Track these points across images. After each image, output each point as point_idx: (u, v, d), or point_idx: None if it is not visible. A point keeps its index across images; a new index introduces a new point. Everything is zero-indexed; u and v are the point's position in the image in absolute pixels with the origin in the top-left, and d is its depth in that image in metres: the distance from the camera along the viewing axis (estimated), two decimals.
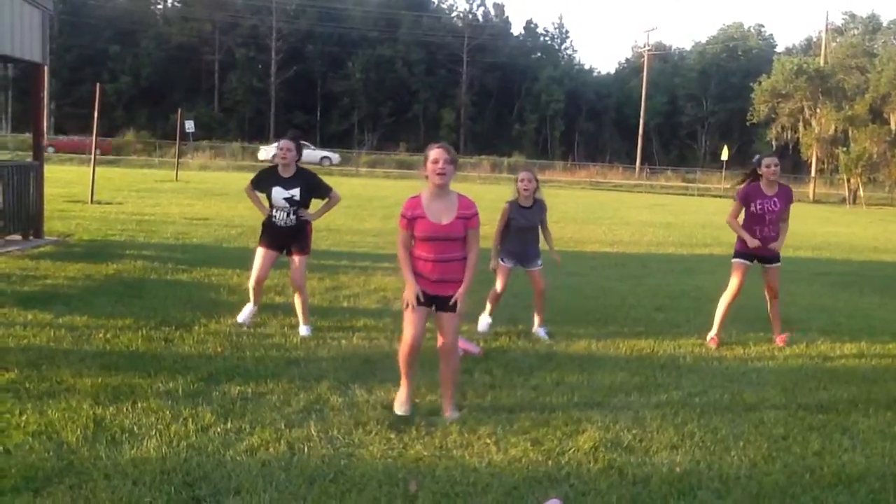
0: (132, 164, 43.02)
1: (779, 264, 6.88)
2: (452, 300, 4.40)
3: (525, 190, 6.56)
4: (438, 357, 4.63)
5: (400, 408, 4.54)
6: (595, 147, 70.09)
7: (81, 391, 4.64)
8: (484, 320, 6.85)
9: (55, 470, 3.57)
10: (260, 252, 6.40)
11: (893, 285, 11.40)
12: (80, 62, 59.81)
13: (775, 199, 6.66)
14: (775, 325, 7.00)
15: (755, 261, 6.82)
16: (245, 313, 6.56)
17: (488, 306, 6.87)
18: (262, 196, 6.40)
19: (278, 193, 6.19)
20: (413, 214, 4.33)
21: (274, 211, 6.24)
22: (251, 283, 6.49)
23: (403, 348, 4.54)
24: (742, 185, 6.89)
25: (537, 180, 6.67)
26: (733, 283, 6.85)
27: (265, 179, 6.33)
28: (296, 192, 6.20)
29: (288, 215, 6.22)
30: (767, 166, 6.65)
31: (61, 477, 3.50)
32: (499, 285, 6.76)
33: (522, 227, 6.62)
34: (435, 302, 4.46)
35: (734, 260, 6.89)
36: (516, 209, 6.60)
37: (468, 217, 4.37)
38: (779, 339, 6.88)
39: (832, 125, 46.40)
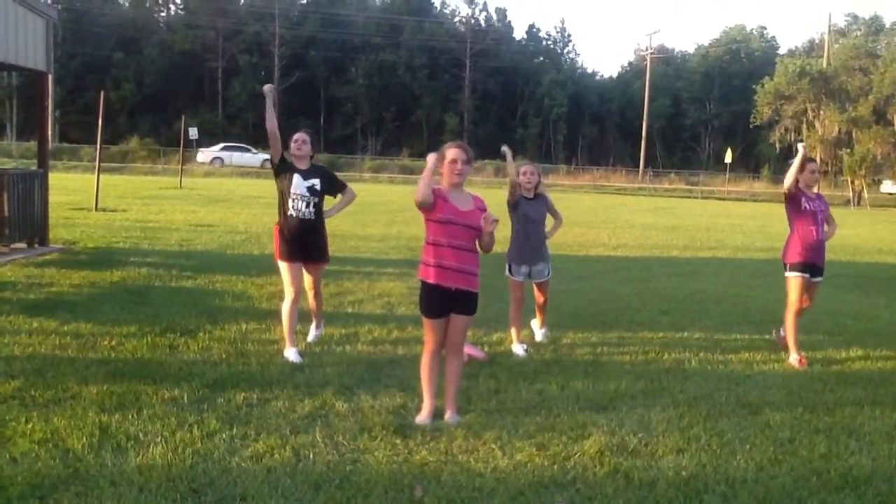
0: (136, 171, 43.18)
1: (821, 279, 6.72)
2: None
3: (528, 182, 6.55)
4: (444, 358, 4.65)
5: (422, 420, 4.53)
6: (598, 151, 69.93)
7: (87, 399, 4.65)
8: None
9: (61, 477, 3.57)
10: (284, 267, 5.93)
11: None
12: (83, 70, 59.96)
13: (817, 201, 6.67)
14: (796, 338, 6.52)
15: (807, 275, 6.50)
16: (292, 355, 5.80)
17: (513, 333, 6.46)
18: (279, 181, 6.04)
19: (299, 181, 5.90)
20: (437, 195, 4.47)
21: (292, 202, 5.90)
22: (286, 307, 5.89)
23: (426, 357, 4.60)
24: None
25: (540, 175, 6.68)
26: (793, 298, 6.49)
27: (284, 164, 5.98)
28: (316, 182, 5.96)
29: (307, 206, 5.91)
30: (812, 171, 6.59)
31: (67, 484, 3.51)
32: (513, 303, 6.49)
33: (529, 220, 6.49)
34: (453, 301, 4.49)
35: (790, 274, 6.54)
36: (521, 199, 6.57)
37: (483, 209, 4.55)
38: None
39: (835, 127, 46.37)
